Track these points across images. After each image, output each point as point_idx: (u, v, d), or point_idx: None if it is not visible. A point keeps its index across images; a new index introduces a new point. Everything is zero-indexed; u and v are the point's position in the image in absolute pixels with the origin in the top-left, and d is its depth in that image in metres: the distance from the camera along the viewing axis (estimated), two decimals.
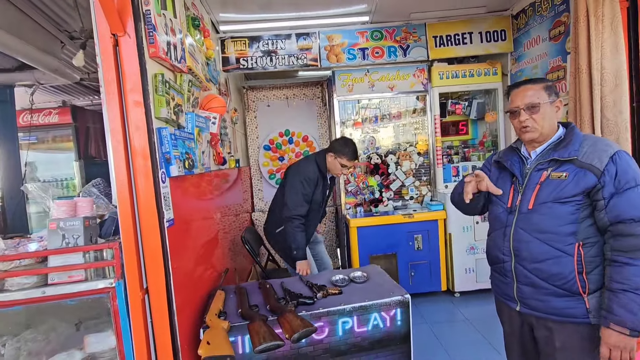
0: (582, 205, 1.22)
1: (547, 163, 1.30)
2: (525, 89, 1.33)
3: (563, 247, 1.23)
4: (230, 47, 3.06)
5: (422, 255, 3.10)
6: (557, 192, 1.25)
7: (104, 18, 1.20)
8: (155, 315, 1.32)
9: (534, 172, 1.33)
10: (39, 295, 1.31)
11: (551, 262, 1.24)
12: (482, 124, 3.57)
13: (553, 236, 1.25)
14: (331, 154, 2.31)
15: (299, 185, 2.26)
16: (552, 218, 1.25)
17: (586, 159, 1.22)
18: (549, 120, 1.31)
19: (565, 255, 1.22)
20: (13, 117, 3.36)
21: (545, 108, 1.30)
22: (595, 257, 1.22)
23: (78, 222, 1.39)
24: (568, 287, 1.22)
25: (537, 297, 1.29)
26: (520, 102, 1.32)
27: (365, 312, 1.63)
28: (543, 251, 1.26)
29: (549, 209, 1.26)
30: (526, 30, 2.92)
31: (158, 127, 1.41)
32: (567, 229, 1.23)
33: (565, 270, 1.22)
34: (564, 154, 1.27)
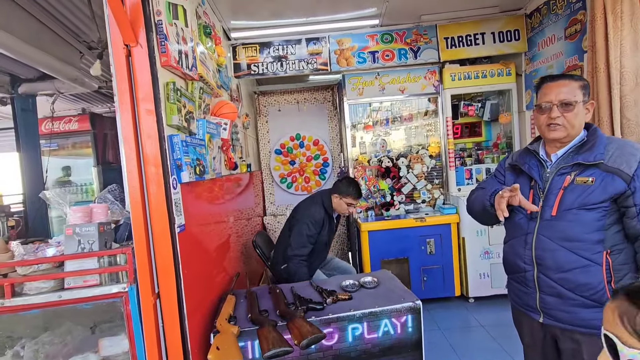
0: (609, 211, 1.17)
1: (570, 167, 1.23)
2: (562, 84, 1.24)
3: (591, 255, 1.17)
4: (242, 54, 3.10)
5: (434, 260, 3.05)
6: (583, 198, 1.18)
7: (117, 29, 1.24)
8: (167, 320, 1.34)
9: (556, 176, 1.25)
10: (56, 299, 1.35)
11: (578, 272, 1.18)
12: (495, 126, 3.50)
13: (580, 244, 1.18)
14: (336, 195, 2.40)
15: (305, 227, 2.32)
16: (579, 225, 1.18)
17: (613, 162, 1.15)
18: (579, 121, 1.23)
19: (593, 264, 1.17)
20: (35, 125, 3.49)
21: (579, 108, 1.22)
22: (623, 264, 1.16)
23: (93, 228, 1.42)
24: (597, 298, 1.17)
25: (563, 308, 1.22)
26: (555, 97, 1.23)
27: (375, 319, 1.61)
28: (570, 260, 1.20)
29: (575, 215, 1.19)
30: (541, 30, 2.86)
31: (170, 135, 1.44)
32: (594, 236, 1.17)
33: (594, 280, 1.17)
34: (589, 157, 1.19)
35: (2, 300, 1.31)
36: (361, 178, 3.33)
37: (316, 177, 4.01)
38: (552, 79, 1.28)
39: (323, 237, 2.40)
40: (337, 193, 2.40)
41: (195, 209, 1.64)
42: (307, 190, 4.01)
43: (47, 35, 2.84)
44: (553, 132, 1.25)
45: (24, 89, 3.21)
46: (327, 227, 2.42)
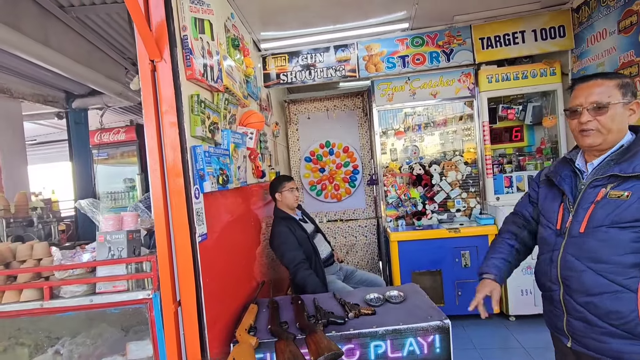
0: None
1: (605, 179, 1.10)
2: (594, 85, 1.11)
3: (623, 280, 1.04)
4: (271, 64, 3.16)
5: (470, 274, 2.86)
6: (615, 214, 1.05)
7: (144, 46, 1.30)
8: (187, 328, 1.36)
9: (589, 188, 1.13)
10: (88, 303, 1.43)
11: (607, 297, 1.06)
12: (539, 130, 3.24)
13: (611, 267, 1.06)
14: (277, 194, 2.52)
15: (281, 244, 2.37)
16: (610, 245, 1.06)
17: None
18: (618, 124, 1.09)
19: (625, 291, 1.04)
20: (86, 136, 3.81)
21: (615, 109, 1.08)
22: None
23: (122, 236, 1.49)
24: (629, 329, 1.04)
25: (591, 335, 1.11)
26: (585, 99, 1.12)
27: (399, 337, 1.53)
28: (598, 284, 1.08)
29: (605, 234, 1.06)
30: (590, 24, 2.61)
31: (193, 146, 1.48)
32: (628, 259, 1.04)
33: (625, 308, 1.04)
34: (628, 168, 1.05)
35: (41, 302, 1.41)
36: (391, 186, 3.23)
37: (346, 184, 3.96)
38: (584, 79, 1.16)
39: (300, 237, 2.43)
40: (276, 192, 2.52)
41: (218, 218, 1.66)
42: (336, 198, 3.97)
43: (97, 54, 3.09)
44: (586, 138, 1.13)
45: (77, 104, 3.53)
46: (297, 228, 2.46)
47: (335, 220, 4.01)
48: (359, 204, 3.99)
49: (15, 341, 1.56)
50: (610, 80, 1.11)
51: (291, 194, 2.52)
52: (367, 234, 3.92)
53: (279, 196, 2.53)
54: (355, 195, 3.97)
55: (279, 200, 2.54)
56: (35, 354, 1.55)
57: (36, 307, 1.40)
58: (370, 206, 3.99)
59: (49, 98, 3.25)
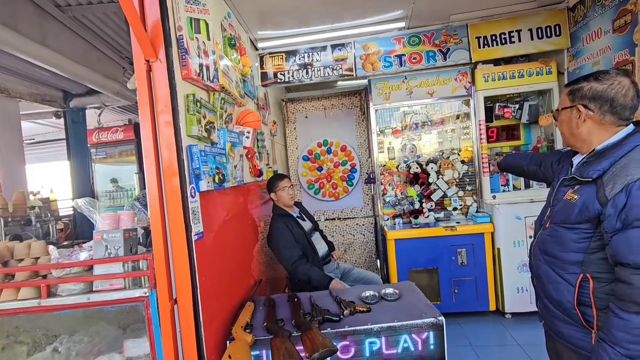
0: (594, 234, 1.07)
1: (572, 179, 1.19)
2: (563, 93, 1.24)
3: (564, 274, 1.14)
4: (269, 63, 3.17)
5: (466, 271, 2.88)
6: (564, 215, 1.14)
7: (139, 46, 1.31)
8: (183, 325, 1.37)
9: (561, 187, 1.23)
10: (85, 300, 1.44)
11: (552, 287, 1.19)
12: (535, 128, 3.25)
13: (555, 261, 1.17)
14: (273, 194, 2.56)
15: (278, 241, 2.39)
16: (557, 242, 1.17)
17: (606, 181, 1.03)
18: (570, 129, 1.19)
19: (564, 283, 1.14)
20: (84, 135, 3.82)
21: (564, 115, 1.20)
22: (611, 295, 1.05)
23: (119, 234, 1.51)
24: (571, 316, 1.14)
25: (549, 317, 1.24)
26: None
27: (394, 334, 1.55)
28: (546, 274, 1.21)
29: (556, 232, 1.17)
30: (585, 23, 2.62)
31: (189, 145, 1.49)
32: (570, 256, 1.13)
33: (564, 298, 1.15)
34: (584, 172, 1.12)
35: (38, 300, 1.43)
36: (388, 184, 3.24)
37: (344, 183, 3.97)
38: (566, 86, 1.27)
39: (298, 234, 2.45)
40: (272, 191, 2.55)
41: (214, 216, 1.68)
42: (334, 197, 3.98)
43: (94, 54, 3.10)
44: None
45: (74, 103, 3.54)
46: (295, 225, 2.49)
47: (333, 218, 4.02)
48: (357, 203, 4.00)
49: (13, 339, 1.57)
50: (568, 87, 1.21)
51: (285, 193, 2.54)
52: (365, 232, 3.94)
53: (274, 195, 2.57)
54: (353, 194, 3.99)
55: (275, 199, 2.57)
56: (33, 351, 1.56)
57: (34, 305, 1.41)
58: (368, 205, 4.00)
59: (46, 97, 3.26)
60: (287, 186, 2.55)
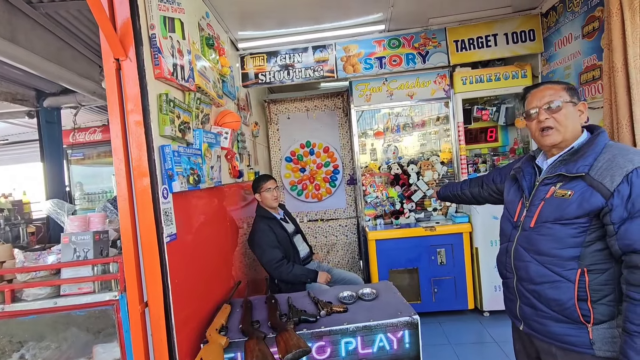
0: (589, 228, 1.09)
1: (555, 178, 1.18)
2: (545, 89, 1.21)
3: (562, 271, 1.13)
4: (249, 63, 3.15)
5: (445, 271, 2.92)
6: (559, 211, 1.13)
7: (107, 44, 1.28)
8: (154, 329, 1.34)
9: (541, 186, 1.22)
10: (51, 305, 1.39)
11: (548, 286, 1.15)
12: (512, 130, 3.34)
13: (552, 259, 1.14)
14: (257, 195, 2.55)
15: (261, 244, 2.37)
16: (552, 240, 1.14)
17: (598, 176, 1.07)
18: (572, 122, 1.17)
19: (564, 281, 1.12)
20: (59, 136, 3.68)
21: (567, 108, 1.17)
22: (605, 285, 1.09)
23: (88, 237, 1.47)
24: (568, 314, 1.13)
25: (536, 319, 1.21)
26: (539, 101, 1.21)
27: (370, 333, 1.55)
28: (541, 274, 1.17)
29: (549, 229, 1.15)
30: (557, 29, 2.71)
31: (162, 145, 1.46)
32: (568, 252, 1.12)
33: (564, 296, 1.12)
34: (572, 168, 1.13)
35: (2, 306, 1.37)
36: (369, 185, 3.26)
37: (326, 184, 3.98)
38: (536, 86, 1.26)
39: (281, 236, 2.45)
40: (256, 193, 2.55)
41: (189, 218, 1.65)
42: (317, 198, 3.98)
43: (68, 52, 3.00)
44: (547, 137, 1.20)
45: (48, 103, 3.41)
46: (278, 226, 2.49)
47: (316, 220, 4.02)
48: (340, 204, 4.02)
49: None
50: (558, 84, 1.21)
51: (269, 194, 2.52)
52: (348, 233, 3.95)
53: (259, 197, 2.55)
54: (336, 195, 4.00)
55: (260, 200, 2.55)
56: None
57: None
58: (351, 206, 4.02)
59: (17, 96, 3.14)
60: (271, 187, 2.53)
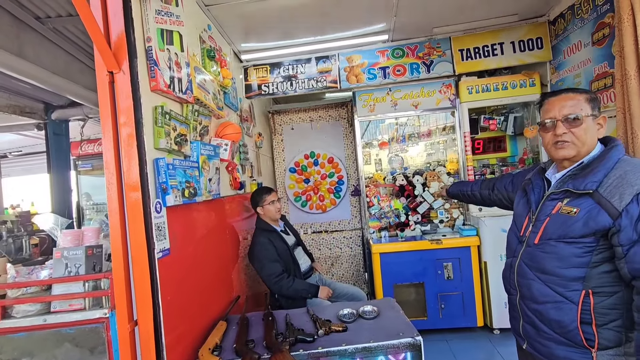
0: (597, 248, 1.04)
1: (562, 193, 1.13)
2: (566, 97, 1.14)
3: (565, 292, 1.08)
4: (253, 75, 3.15)
5: (453, 286, 2.81)
6: (563, 229, 1.08)
7: (100, 57, 1.27)
8: (143, 349, 1.30)
9: (547, 201, 1.17)
10: (41, 322, 1.36)
11: (550, 307, 1.11)
12: (521, 140, 3.25)
13: (555, 279, 1.10)
14: (259, 209, 2.48)
15: (261, 256, 2.32)
16: (556, 259, 1.10)
17: (607, 193, 1.02)
18: (590, 137, 1.12)
19: (566, 302, 1.08)
20: (67, 148, 3.74)
21: (587, 122, 1.11)
22: (612, 309, 1.03)
23: (80, 252, 1.44)
24: (570, 337, 1.08)
25: (539, 340, 1.17)
26: (558, 112, 1.14)
27: (369, 355, 1.47)
28: (544, 293, 1.12)
29: (553, 247, 1.11)
30: (565, 36, 2.64)
31: (156, 158, 1.44)
32: (572, 272, 1.07)
33: (566, 318, 1.07)
34: (580, 184, 1.08)
35: None
36: (374, 197, 3.19)
37: (331, 195, 3.92)
38: (554, 93, 1.19)
39: (281, 249, 2.40)
40: (258, 206, 2.48)
41: (184, 232, 1.61)
42: (321, 209, 3.93)
43: (76, 65, 3.06)
44: (561, 150, 1.14)
45: (56, 115, 3.47)
46: (279, 239, 2.43)
47: (320, 231, 3.96)
48: (344, 215, 3.95)
49: None
50: (580, 94, 1.13)
51: (273, 207, 2.48)
52: (352, 245, 3.87)
53: (260, 210, 2.49)
54: (341, 206, 3.93)
55: (262, 213, 2.49)
56: None
57: None
58: (356, 217, 3.95)
59: (26, 109, 3.20)
60: (274, 200, 2.48)
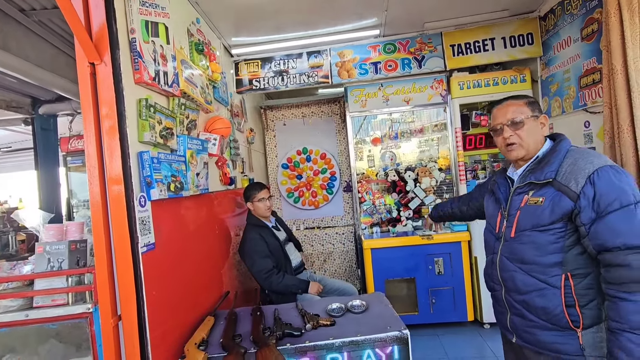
0: (567, 232, 1.12)
1: (526, 186, 1.23)
2: (508, 105, 1.28)
3: (547, 278, 1.14)
4: (244, 70, 3.12)
5: (444, 281, 2.83)
6: (534, 219, 1.16)
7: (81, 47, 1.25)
8: (127, 343, 1.28)
9: (514, 195, 1.26)
10: (23, 318, 1.34)
11: (535, 295, 1.16)
12: None
13: (535, 267, 1.16)
14: (249, 204, 2.47)
15: (252, 253, 2.32)
16: (533, 248, 1.16)
17: (564, 180, 1.12)
18: (533, 136, 1.24)
19: (550, 288, 1.13)
20: (55, 143, 3.68)
21: (529, 123, 1.24)
22: (589, 289, 1.11)
23: (63, 246, 1.42)
24: (556, 321, 1.13)
25: (526, 329, 1.21)
26: (503, 118, 1.27)
27: (357, 348, 1.47)
28: (527, 283, 1.18)
29: (529, 237, 1.18)
30: (555, 32, 2.65)
31: (140, 152, 1.42)
32: (550, 259, 1.14)
33: (551, 303, 1.13)
34: (540, 175, 1.18)
35: None
36: (365, 192, 3.19)
37: (323, 191, 3.92)
38: (499, 102, 1.32)
39: (272, 245, 2.40)
40: (249, 201, 2.47)
41: (170, 226, 1.60)
42: (314, 205, 3.92)
43: (62, 59, 3.00)
44: (512, 152, 1.26)
45: (44, 110, 3.41)
46: (270, 235, 2.43)
47: (312, 227, 3.95)
48: (337, 211, 3.95)
49: None
50: (520, 99, 1.28)
51: (262, 204, 2.46)
52: (345, 241, 3.87)
53: (251, 206, 2.48)
54: (333, 202, 3.93)
55: (252, 209, 2.49)
56: None
57: None
58: (349, 213, 3.95)
59: (12, 104, 3.14)
60: (264, 197, 2.47)
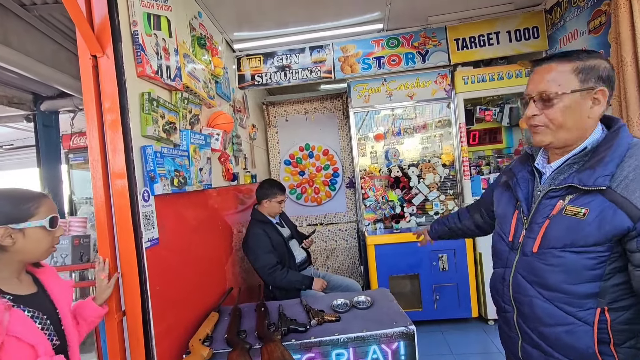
0: (611, 256, 0.83)
1: (563, 190, 0.89)
2: (547, 69, 0.89)
3: (578, 312, 0.87)
4: (246, 65, 3.10)
5: (448, 277, 2.81)
6: (572, 236, 0.85)
7: (83, 40, 1.23)
8: (131, 338, 1.27)
9: (545, 199, 0.93)
10: None
11: (561, 330, 0.90)
12: (517, 131, 3.24)
13: (563, 297, 0.88)
14: (266, 201, 2.47)
15: (255, 248, 2.32)
16: (562, 272, 0.88)
17: (624, 189, 0.79)
18: (573, 119, 0.87)
19: (580, 324, 0.87)
20: (57, 140, 3.67)
21: (567, 100, 0.86)
22: (629, 324, 0.85)
23: (67, 242, 1.41)
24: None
25: None
26: (534, 87, 0.91)
27: (362, 344, 1.46)
28: (550, 314, 0.91)
29: (559, 259, 0.88)
30: (562, 25, 2.61)
31: (143, 146, 1.40)
32: (584, 288, 0.86)
33: (580, 343, 0.87)
34: (588, 179, 0.84)
35: None
36: (369, 189, 3.17)
37: (326, 187, 3.90)
38: (541, 62, 0.93)
39: (276, 241, 2.39)
40: (266, 198, 2.47)
41: (174, 222, 1.58)
42: (316, 202, 3.90)
43: (63, 54, 2.99)
44: (535, 135, 0.94)
45: (45, 106, 3.40)
46: (274, 231, 2.44)
47: (315, 224, 3.94)
48: (340, 208, 3.93)
49: None
50: (567, 63, 0.88)
51: (279, 206, 2.49)
52: (348, 238, 3.86)
53: (267, 203, 2.47)
54: (336, 199, 3.91)
55: (266, 205, 2.48)
56: None
57: None
58: (352, 209, 3.93)
59: (14, 100, 3.13)
60: (283, 200, 2.51)
